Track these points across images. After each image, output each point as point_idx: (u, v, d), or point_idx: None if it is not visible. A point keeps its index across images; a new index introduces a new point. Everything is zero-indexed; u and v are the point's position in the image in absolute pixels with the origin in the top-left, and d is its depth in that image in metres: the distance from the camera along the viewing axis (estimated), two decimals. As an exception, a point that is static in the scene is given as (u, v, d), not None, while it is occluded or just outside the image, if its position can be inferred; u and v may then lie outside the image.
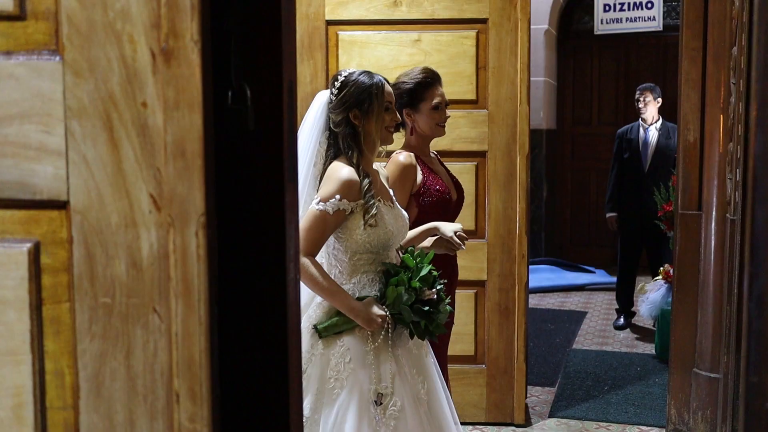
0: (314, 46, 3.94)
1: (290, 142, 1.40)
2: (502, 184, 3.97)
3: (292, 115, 1.41)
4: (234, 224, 1.33)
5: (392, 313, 2.28)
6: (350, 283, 2.35)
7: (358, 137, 2.37)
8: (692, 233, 3.80)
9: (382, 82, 2.40)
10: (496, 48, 3.90)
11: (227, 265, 1.30)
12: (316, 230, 2.25)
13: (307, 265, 2.24)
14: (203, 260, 1.11)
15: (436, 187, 2.90)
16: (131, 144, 1.11)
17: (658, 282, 5.33)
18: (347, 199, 2.27)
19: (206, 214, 1.12)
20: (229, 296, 1.30)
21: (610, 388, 4.63)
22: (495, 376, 4.06)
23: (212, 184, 1.19)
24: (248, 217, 1.35)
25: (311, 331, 2.32)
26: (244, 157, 1.35)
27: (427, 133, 2.93)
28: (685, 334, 3.87)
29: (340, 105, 2.36)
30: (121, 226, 1.11)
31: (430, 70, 2.92)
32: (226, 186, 1.32)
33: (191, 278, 1.11)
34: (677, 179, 3.90)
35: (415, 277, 2.29)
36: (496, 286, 4.02)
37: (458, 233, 2.70)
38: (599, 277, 7.78)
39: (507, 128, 3.94)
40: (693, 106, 3.75)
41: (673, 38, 8.35)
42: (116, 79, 1.10)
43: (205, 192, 1.12)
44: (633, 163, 5.88)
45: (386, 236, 2.34)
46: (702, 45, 3.70)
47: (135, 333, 1.12)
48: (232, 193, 1.33)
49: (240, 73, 1.35)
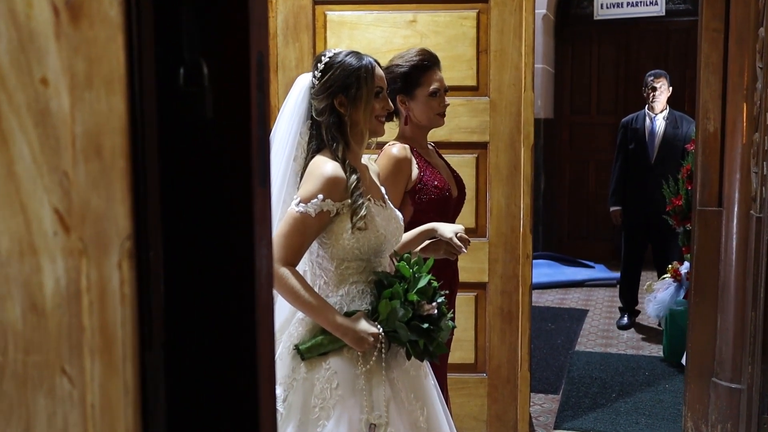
0: (300, 28, 3.61)
1: (261, 135, 1.09)
2: (504, 177, 3.66)
3: (263, 100, 1.09)
4: (186, 245, 1.02)
5: (386, 330, 1.96)
6: (337, 296, 2.03)
7: (344, 127, 2.05)
8: (712, 231, 3.50)
9: (372, 64, 2.07)
10: (499, 30, 3.58)
11: (177, 299, 1.00)
12: (295, 236, 1.93)
13: (286, 277, 1.91)
14: (130, 302, 0.79)
15: (434, 183, 2.58)
16: (26, 138, 0.79)
17: (666, 280, 5.03)
18: (331, 199, 1.95)
19: (134, 236, 0.80)
20: (180, 339, 0.99)
21: (618, 396, 4.33)
22: (497, 385, 3.76)
23: (147, 193, 0.87)
24: (206, 235, 1.04)
25: (292, 353, 2.00)
26: (199, 155, 1.04)
27: (424, 123, 2.61)
28: (703, 340, 3.57)
29: (324, 90, 2.04)
30: (14, 254, 0.79)
31: (427, 52, 2.60)
32: (175, 194, 1.01)
33: (113, 327, 0.79)
34: (695, 173, 3.60)
35: (412, 288, 1.97)
36: (498, 288, 3.71)
37: (459, 235, 2.39)
38: (599, 273, 7.50)
39: (510, 117, 3.62)
40: (713, 93, 3.44)
41: (676, 24, 8.06)
42: (3, 45, 0.77)
43: (131, 205, 0.80)
44: (639, 154, 5.58)
45: (378, 241, 2.02)
46: (724, 26, 3.38)
47: (36, 403, 0.80)
48: (183, 204, 1.02)
49: (194, 44, 1.03)
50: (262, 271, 1.07)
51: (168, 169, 1.03)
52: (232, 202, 1.03)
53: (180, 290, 1.03)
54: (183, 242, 1.04)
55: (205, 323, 1.03)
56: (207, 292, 1.04)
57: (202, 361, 1.03)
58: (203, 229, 1.04)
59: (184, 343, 1.03)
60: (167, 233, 1.01)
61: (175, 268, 1.03)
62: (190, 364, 1.03)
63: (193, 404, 0.91)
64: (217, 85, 1.02)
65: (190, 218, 1.04)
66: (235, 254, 1.05)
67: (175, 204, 1.03)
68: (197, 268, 1.03)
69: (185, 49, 1.01)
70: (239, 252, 1.05)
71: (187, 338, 1.03)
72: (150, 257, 0.92)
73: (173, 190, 1.03)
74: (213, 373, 1.01)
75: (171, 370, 0.97)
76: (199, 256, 1.04)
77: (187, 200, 1.04)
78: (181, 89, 1.01)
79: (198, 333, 1.03)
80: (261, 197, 1.07)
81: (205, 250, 1.05)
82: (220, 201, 1.03)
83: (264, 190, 1.08)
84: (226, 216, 1.04)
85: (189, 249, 1.04)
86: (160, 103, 1.03)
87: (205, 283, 1.04)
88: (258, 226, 1.05)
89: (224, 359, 1.04)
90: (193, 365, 1.01)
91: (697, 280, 3.58)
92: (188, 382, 0.92)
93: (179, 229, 1.04)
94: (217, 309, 1.05)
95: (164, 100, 1.03)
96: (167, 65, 1.01)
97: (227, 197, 1.03)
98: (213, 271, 1.04)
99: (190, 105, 1.02)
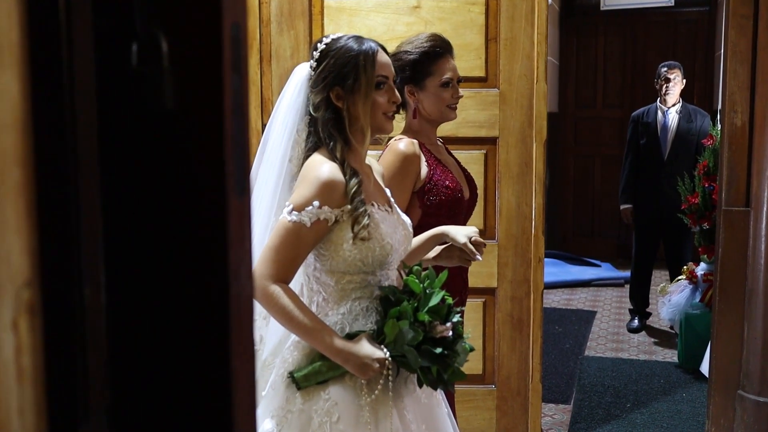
0: (295, 14, 3.35)
1: (237, 130, 0.85)
2: (515, 175, 3.41)
3: (240, 85, 0.85)
4: (141, 279, 0.80)
5: (393, 355, 1.71)
6: (338, 314, 1.77)
7: (342, 123, 1.79)
8: (738, 233, 3.25)
9: (374, 50, 1.80)
10: (509, 16, 3.32)
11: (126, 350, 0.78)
12: (288, 248, 1.67)
13: (277, 295, 1.66)
14: (30, 380, 0.54)
15: (445, 183, 2.32)
16: None
17: (681, 282, 4.79)
18: (329, 206, 1.69)
19: (39, 280, 0.55)
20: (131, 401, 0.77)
21: (633, 406, 4.09)
22: (506, 397, 3.51)
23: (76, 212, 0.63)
24: (166, 264, 0.81)
25: (286, 381, 1.74)
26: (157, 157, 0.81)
27: (434, 116, 2.35)
28: (729, 350, 3.33)
29: (320, 81, 1.79)
30: None
31: (439, 38, 2.34)
32: (123, 211, 0.78)
33: (4, 416, 0.54)
34: (720, 170, 3.35)
35: (423, 307, 1.71)
36: (507, 294, 3.46)
37: (474, 239, 2.12)
38: (606, 272, 7.25)
39: (521, 110, 3.37)
40: (741, 84, 3.19)
41: (685, 14, 7.80)
42: None
43: (34, 235, 0.54)
44: (650, 149, 5.32)
45: (383, 251, 1.76)
46: (753, 11, 3.13)
47: None
48: (134, 224, 0.79)
49: (149, 13, 0.80)
50: (241, 308, 0.82)
51: (113, 177, 0.79)
52: (200, 218, 0.79)
53: (130, 339, 0.78)
54: (134, 276, 0.80)
55: (164, 381, 0.79)
56: (166, 340, 0.80)
57: (161, 428, 0.79)
58: (163, 255, 0.80)
59: (137, 406, 0.79)
60: (112, 265, 0.77)
61: (123, 310, 0.78)
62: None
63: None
64: (180, 65, 0.78)
65: (146, 242, 0.80)
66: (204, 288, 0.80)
67: (122, 224, 0.79)
68: (154, 309, 0.79)
69: (138, 20, 0.78)
70: (211, 284, 0.80)
71: (139, 400, 0.79)
72: (85, 294, 0.67)
73: (120, 206, 0.79)
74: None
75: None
76: (158, 293, 0.80)
77: (140, 218, 0.79)
78: (133, 71, 0.78)
79: (155, 393, 0.79)
80: (238, 211, 0.82)
81: (166, 284, 0.81)
82: (185, 217, 0.80)
83: (242, 202, 0.83)
84: (192, 237, 0.80)
85: (143, 283, 0.80)
86: (104, 89, 0.78)
87: (164, 328, 0.80)
88: (234, 249, 0.81)
89: (190, 425, 0.80)
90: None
91: (722, 285, 3.33)
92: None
93: (130, 258, 0.79)
94: (181, 361, 0.81)
95: (109, 86, 0.79)
96: (114, 39, 0.78)
97: (194, 212, 0.80)
98: (175, 312, 0.79)
99: (144, 91, 0.79)
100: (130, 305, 0.77)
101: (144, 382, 0.77)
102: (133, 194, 0.78)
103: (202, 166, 0.79)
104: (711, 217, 4.58)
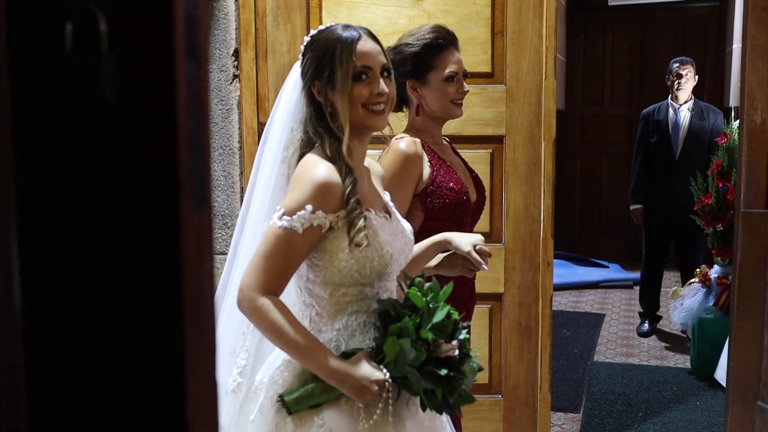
0: (292, 7, 3.20)
1: (194, 128, 0.70)
2: (522, 175, 3.26)
3: (198, 74, 0.70)
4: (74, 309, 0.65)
5: (394, 376, 1.55)
6: (333, 330, 1.62)
7: (325, 120, 1.64)
8: (758, 236, 3.09)
9: (354, 38, 1.62)
10: (516, 9, 3.16)
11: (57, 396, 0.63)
12: (278, 257, 1.52)
13: (266, 309, 1.50)
14: None
15: (449, 185, 2.17)
16: None
17: (693, 286, 4.63)
18: (323, 210, 1.54)
19: None
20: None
21: (645, 415, 3.93)
22: (513, 408, 3.35)
23: None
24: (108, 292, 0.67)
25: (276, 405, 1.58)
26: (95, 160, 0.66)
27: (438, 113, 2.20)
28: (747, 358, 3.17)
29: (303, 76, 1.66)
30: None
31: (442, 29, 2.19)
32: (52, 228, 0.65)
33: None
34: (738, 170, 3.19)
35: (426, 323, 1.56)
36: (515, 300, 3.30)
37: (478, 247, 1.96)
38: (614, 273, 7.09)
39: (529, 107, 3.21)
40: (761, 80, 3.03)
41: (694, 10, 7.63)
42: None
43: None
44: (662, 148, 5.16)
45: (382, 261, 1.61)
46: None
47: None
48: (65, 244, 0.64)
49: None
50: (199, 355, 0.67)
51: (37, 186, 0.65)
52: (147, 236, 0.65)
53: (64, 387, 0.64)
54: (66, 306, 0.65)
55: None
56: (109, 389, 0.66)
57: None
58: (102, 283, 0.66)
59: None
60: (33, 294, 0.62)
61: (51, 349, 0.64)
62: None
63: None
64: (122, 50, 0.64)
65: (80, 265, 0.66)
66: (153, 325, 0.66)
67: (51, 245, 0.64)
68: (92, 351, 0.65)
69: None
70: (161, 318, 0.66)
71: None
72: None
73: (49, 222, 0.65)
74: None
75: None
76: (98, 330, 0.67)
77: (73, 237, 0.65)
78: (67, 56, 0.64)
79: None
80: (195, 228, 0.68)
81: (109, 318, 0.67)
82: (129, 234, 0.65)
83: (200, 216, 0.68)
84: (138, 259, 0.66)
85: (78, 316, 0.66)
86: (27, 78, 0.65)
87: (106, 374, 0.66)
88: (189, 272, 0.67)
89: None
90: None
91: (740, 291, 3.17)
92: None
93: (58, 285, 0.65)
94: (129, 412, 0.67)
95: (36, 75, 0.65)
96: (43, 18, 0.64)
97: (140, 228, 0.65)
98: (118, 356, 0.65)
99: (79, 81, 0.65)
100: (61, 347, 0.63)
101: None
102: (67, 207, 0.63)
103: (150, 173, 0.64)
104: (725, 219, 4.42)
